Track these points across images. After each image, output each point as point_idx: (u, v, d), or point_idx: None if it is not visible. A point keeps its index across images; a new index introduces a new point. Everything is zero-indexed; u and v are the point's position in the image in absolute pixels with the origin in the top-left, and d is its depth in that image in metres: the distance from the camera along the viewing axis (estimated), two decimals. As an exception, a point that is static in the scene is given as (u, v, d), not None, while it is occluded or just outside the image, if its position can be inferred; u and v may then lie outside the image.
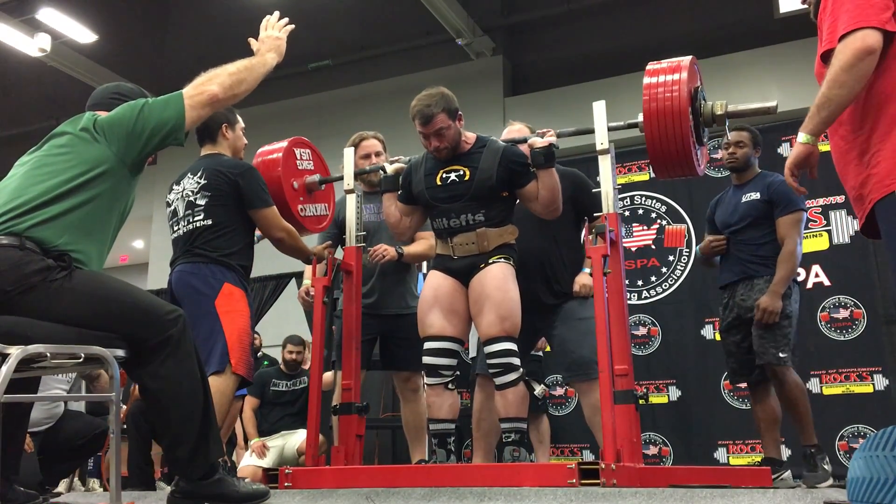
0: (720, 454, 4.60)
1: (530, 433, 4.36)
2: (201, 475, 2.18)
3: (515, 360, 2.81)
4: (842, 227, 4.55)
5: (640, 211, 5.11)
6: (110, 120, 2.29)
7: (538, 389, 2.82)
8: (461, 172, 2.94)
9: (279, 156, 3.28)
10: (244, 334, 2.97)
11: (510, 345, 2.80)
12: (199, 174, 3.06)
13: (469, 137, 3.03)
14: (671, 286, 4.95)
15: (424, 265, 5.23)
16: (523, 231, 3.02)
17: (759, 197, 3.56)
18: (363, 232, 3.28)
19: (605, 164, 2.78)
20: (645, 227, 5.07)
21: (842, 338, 4.43)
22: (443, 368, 2.90)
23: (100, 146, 2.24)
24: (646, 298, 4.99)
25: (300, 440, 4.89)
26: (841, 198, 4.50)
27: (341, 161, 3.45)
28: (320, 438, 3.19)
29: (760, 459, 3.63)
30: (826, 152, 2.10)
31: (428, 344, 2.92)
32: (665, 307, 4.94)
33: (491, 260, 2.89)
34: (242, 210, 3.04)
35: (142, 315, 2.14)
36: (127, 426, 4.17)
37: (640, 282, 5.01)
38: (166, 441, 2.20)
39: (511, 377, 2.80)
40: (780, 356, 3.37)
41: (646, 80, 2.73)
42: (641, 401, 2.61)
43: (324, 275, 3.24)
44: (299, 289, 3.73)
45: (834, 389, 4.39)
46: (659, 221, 5.03)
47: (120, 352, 2.11)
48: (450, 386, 2.91)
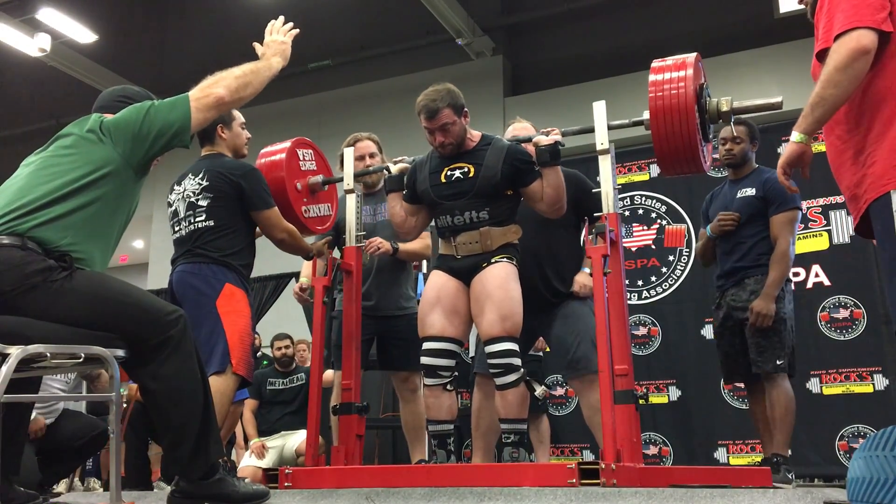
0: (720, 454, 4.60)
1: (530, 433, 4.35)
2: (201, 475, 2.19)
3: (516, 361, 2.80)
4: (842, 227, 4.54)
5: (640, 211, 5.10)
6: (116, 122, 2.30)
7: (539, 390, 2.81)
8: (466, 170, 2.94)
9: (282, 157, 3.27)
10: (245, 335, 2.97)
11: (511, 345, 2.79)
12: (201, 175, 3.06)
13: (474, 135, 3.02)
14: (671, 286, 4.94)
15: (424, 266, 5.22)
16: (523, 231, 3.01)
17: (755, 193, 3.49)
18: (363, 232, 3.27)
19: (605, 164, 2.77)
20: (645, 227, 5.07)
21: (842, 338, 4.43)
22: (441, 369, 2.88)
23: (105, 147, 2.25)
24: (646, 298, 4.99)
25: (299, 440, 4.89)
26: (841, 198, 4.49)
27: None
28: (320, 439, 3.19)
29: (761, 459, 3.60)
30: (822, 152, 2.10)
31: (427, 344, 2.91)
32: (665, 307, 4.93)
33: (493, 259, 2.88)
34: (244, 211, 3.05)
35: (142, 315, 2.14)
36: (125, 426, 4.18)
37: (640, 282, 5.01)
38: (167, 441, 2.21)
39: (511, 377, 2.79)
40: (778, 363, 3.32)
41: (651, 77, 2.70)
42: (641, 401, 2.61)
43: (323, 274, 3.24)
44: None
45: (834, 389, 4.39)
46: (659, 221, 5.02)
47: (120, 352, 2.11)
48: (448, 387, 2.90)
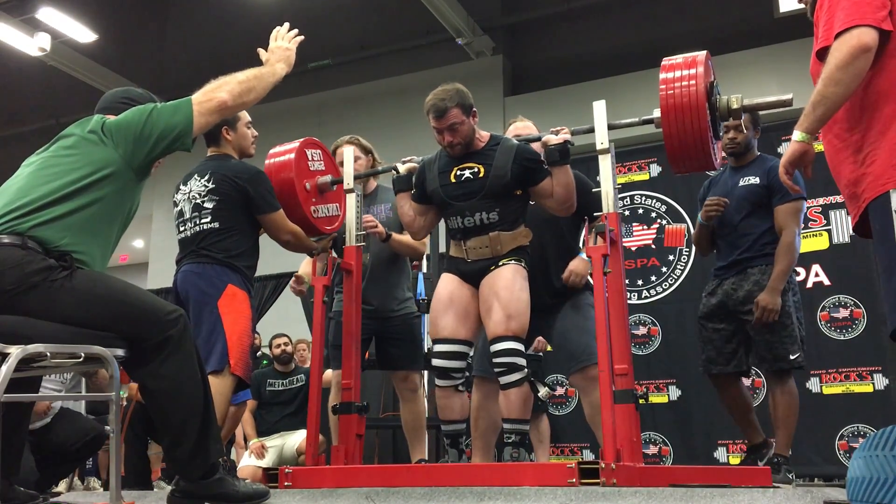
0: (720, 454, 4.60)
1: (530, 433, 4.35)
2: (201, 475, 2.19)
3: (521, 360, 2.80)
4: (842, 227, 4.54)
5: (640, 211, 5.10)
6: (118, 123, 2.30)
7: (542, 391, 2.82)
8: (476, 170, 2.94)
9: (291, 157, 3.26)
10: (244, 336, 2.99)
11: (516, 344, 2.80)
12: (207, 177, 3.09)
13: (483, 136, 3.02)
14: (671, 286, 4.94)
15: (424, 266, 5.22)
16: (524, 231, 3.02)
17: (759, 182, 3.39)
18: (363, 231, 3.28)
19: (605, 164, 2.77)
20: (645, 227, 5.07)
21: (842, 337, 4.43)
22: (453, 371, 2.92)
23: (107, 149, 2.25)
24: (646, 298, 4.99)
25: (299, 440, 4.89)
26: (841, 197, 4.47)
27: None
28: (320, 438, 3.19)
29: (746, 450, 3.48)
30: (821, 152, 2.10)
31: (438, 346, 2.93)
32: (665, 307, 4.93)
33: (502, 262, 2.90)
34: (249, 213, 3.09)
35: (142, 315, 2.14)
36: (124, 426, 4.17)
37: (640, 282, 5.01)
38: (166, 441, 2.21)
39: (515, 377, 2.80)
40: (792, 358, 3.24)
41: (662, 75, 2.69)
42: (641, 400, 2.61)
43: (323, 274, 3.24)
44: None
45: (834, 389, 4.39)
46: (659, 221, 5.02)
47: (120, 351, 2.11)
48: (459, 388, 2.95)
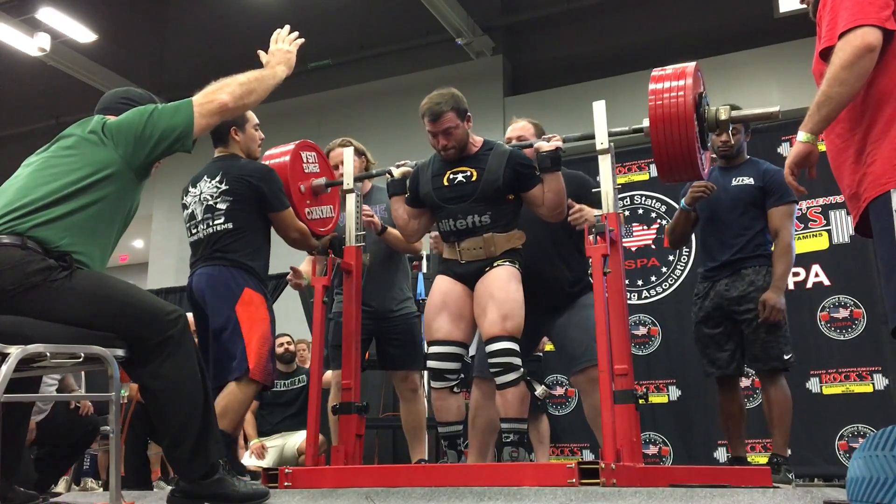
0: (720, 454, 4.59)
1: (530, 433, 4.35)
2: (201, 475, 2.19)
3: (516, 360, 2.81)
4: (842, 227, 4.54)
5: (640, 211, 5.10)
6: (119, 124, 2.30)
7: (539, 390, 2.82)
8: (468, 173, 2.97)
9: (286, 159, 3.29)
10: (264, 341, 3.01)
11: (511, 344, 2.80)
12: (219, 178, 3.11)
13: (476, 140, 3.06)
14: (671, 286, 4.94)
15: (424, 266, 5.22)
16: (528, 231, 3.02)
17: (753, 183, 3.42)
18: (363, 232, 3.28)
19: (605, 164, 2.78)
20: (645, 227, 5.07)
21: (842, 337, 4.42)
22: (448, 372, 2.93)
23: (107, 149, 2.25)
24: (646, 298, 4.99)
25: (300, 440, 4.89)
26: (841, 197, 4.48)
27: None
28: (320, 438, 3.19)
29: (728, 459, 3.47)
30: (822, 152, 2.10)
31: (434, 348, 2.94)
32: (665, 307, 4.93)
33: (496, 263, 2.91)
34: (261, 213, 3.11)
35: (142, 315, 2.15)
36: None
37: (640, 282, 5.01)
38: (166, 441, 2.21)
39: (511, 377, 2.80)
40: (785, 358, 3.31)
41: (651, 87, 2.73)
42: (641, 400, 2.61)
43: (323, 274, 3.24)
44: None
45: (834, 389, 4.38)
46: (659, 221, 5.02)
47: (120, 351, 2.11)
48: (455, 389, 2.96)
